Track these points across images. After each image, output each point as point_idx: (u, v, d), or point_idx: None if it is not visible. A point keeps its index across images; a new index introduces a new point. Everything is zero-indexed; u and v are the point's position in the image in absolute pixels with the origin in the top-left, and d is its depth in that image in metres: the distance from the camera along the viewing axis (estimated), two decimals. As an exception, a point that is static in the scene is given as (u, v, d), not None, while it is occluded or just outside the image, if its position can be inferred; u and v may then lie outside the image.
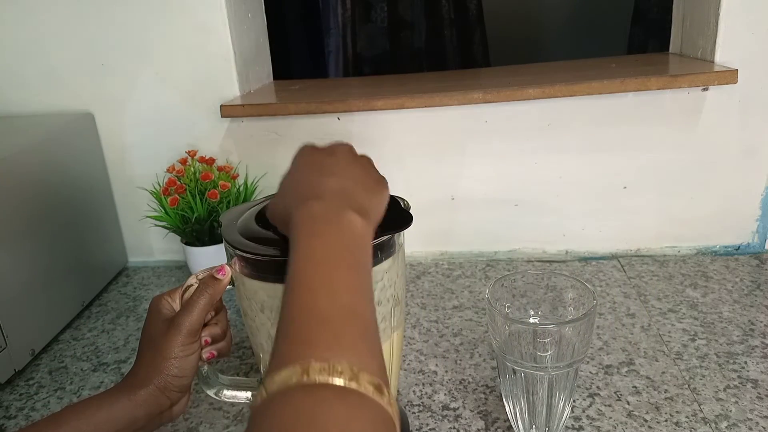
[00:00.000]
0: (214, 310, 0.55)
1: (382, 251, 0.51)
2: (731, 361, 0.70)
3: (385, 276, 0.52)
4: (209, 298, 0.52)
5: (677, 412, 0.63)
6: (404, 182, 0.98)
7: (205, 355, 0.53)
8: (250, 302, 0.52)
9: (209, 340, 0.54)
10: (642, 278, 0.90)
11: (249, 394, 0.58)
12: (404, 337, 0.80)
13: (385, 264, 0.52)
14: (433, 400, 0.68)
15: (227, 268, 0.52)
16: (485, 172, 0.97)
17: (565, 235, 0.99)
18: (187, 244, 0.93)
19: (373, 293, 0.39)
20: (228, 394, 0.58)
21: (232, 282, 0.54)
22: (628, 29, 1.93)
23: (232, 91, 0.97)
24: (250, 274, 0.51)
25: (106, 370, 0.79)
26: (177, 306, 0.54)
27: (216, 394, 0.57)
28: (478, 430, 0.63)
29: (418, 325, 0.83)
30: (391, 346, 0.56)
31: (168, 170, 0.93)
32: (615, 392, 0.67)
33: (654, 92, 0.88)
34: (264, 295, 0.51)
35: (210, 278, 0.52)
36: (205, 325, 0.54)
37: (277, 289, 0.49)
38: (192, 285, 0.54)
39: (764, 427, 0.60)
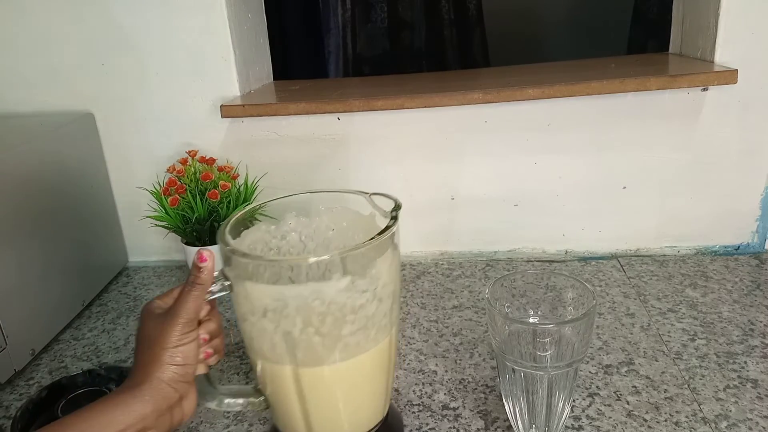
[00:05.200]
0: (207, 305, 0.53)
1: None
2: (731, 361, 0.70)
3: (385, 273, 0.53)
4: (199, 288, 0.50)
5: (677, 411, 0.63)
6: (404, 182, 0.98)
7: (201, 354, 0.51)
8: (252, 306, 0.52)
9: (207, 337, 0.52)
10: (642, 278, 0.90)
11: (244, 400, 0.58)
12: (404, 336, 0.80)
13: (386, 261, 0.52)
14: (433, 400, 0.68)
15: (206, 253, 0.50)
16: (485, 172, 0.97)
17: (564, 235, 0.99)
18: (187, 244, 0.93)
19: None
20: (229, 402, 0.57)
21: (231, 287, 0.53)
22: (628, 29, 1.93)
23: (232, 91, 0.97)
24: (257, 277, 0.50)
25: (106, 369, 0.79)
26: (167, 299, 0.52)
27: (218, 406, 0.57)
28: (478, 429, 0.63)
29: (418, 325, 0.83)
30: (390, 341, 0.56)
31: (168, 170, 0.93)
32: (615, 392, 0.67)
33: (654, 92, 0.88)
34: (269, 299, 0.51)
35: (194, 268, 0.50)
36: (200, 322, 0.52)
37: (284, 291, 0.50)
38: None
39: (764, 427, 0.60)
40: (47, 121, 0.96)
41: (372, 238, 0.51)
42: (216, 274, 0.52)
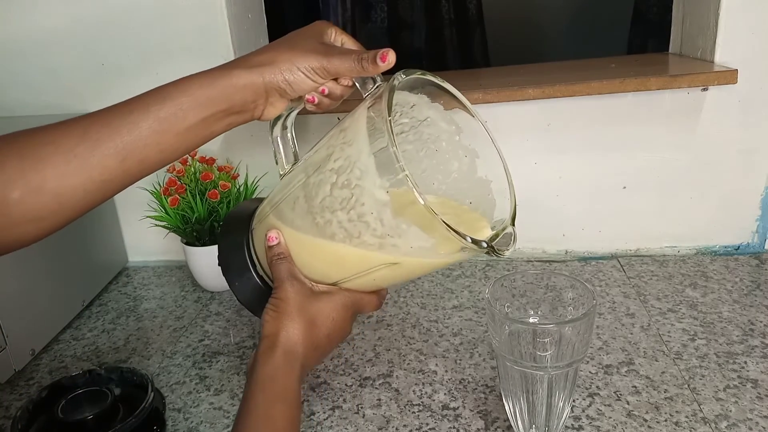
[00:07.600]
0: (349, 80, 0.55)
1: None
2: (731, 361, 0.70)
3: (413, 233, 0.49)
4: (359, 67, 0.51)
5: (677, 411, 0.63)
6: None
7: (308, 96, 0.55)
8: (343, 124, 0.53)
9: (326, 91, 0.55)
10: (642, 278, 0.90)
11: (286, 164, 0.60)
12: (404, 336, 0.80)
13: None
14: (433, 400, 0.68)
15: (391, 57, 0.51)
16: (485, 172, 0.97)
17: (565, 235, 0.99)
18: (187, 244, 0.93)
19: None
20: (278, 143, 0.59)
21: (369, 91, 0.54)
22: (628, 29, 1.93)
23: (232, 91, 0.97)
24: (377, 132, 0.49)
25: (106, 369, 0.79)
26: (342, 41, 0.55)
27: (276, 134, 0.59)
28: (478, 429, 0.63)
29: (418, 325, 0.83)
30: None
31: (168, 170, 0.93)
32: (615, 392, 0.67)
33: (654, 92, 0.88)
34: (355, 128, 0.50)
35: (372, 58, 0.51)
36: (336, 80, 0.55)
37: (360, 140, 0.50)
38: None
39: (764, 427, 0.60)
40: (47, 122, 0.95)
41: (448, 228, 0.46)
42: (380, 83, 0.54)
